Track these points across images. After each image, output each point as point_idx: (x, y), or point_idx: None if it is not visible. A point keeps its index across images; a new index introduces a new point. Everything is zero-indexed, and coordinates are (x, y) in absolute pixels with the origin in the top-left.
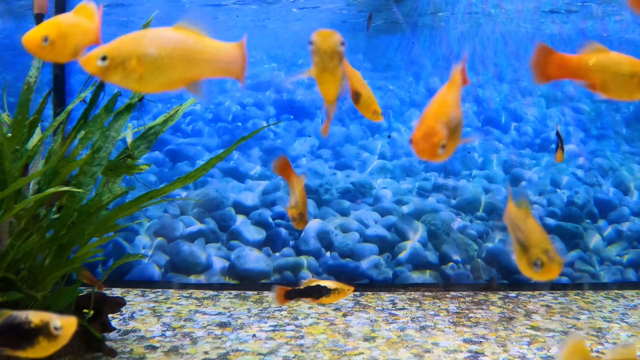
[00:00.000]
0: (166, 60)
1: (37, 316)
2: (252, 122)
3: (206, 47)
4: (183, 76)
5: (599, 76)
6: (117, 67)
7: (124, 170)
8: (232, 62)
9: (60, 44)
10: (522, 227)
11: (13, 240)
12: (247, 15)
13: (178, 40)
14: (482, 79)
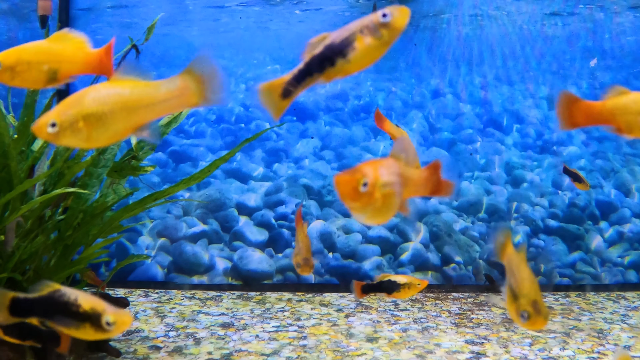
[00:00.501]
0: (110, 116)
1: (88, 302)
2: (255, 123)
3: (143, 93)
4: (128, 125)
5: (623, 119)
6: (66, 130)
7: (129, 172)
8: (178, 96)
9: (21, 70)
10: (516, 274)
11: (19, 241)
12: (250, 17)
13: (117, 93)
14: (485, 81)
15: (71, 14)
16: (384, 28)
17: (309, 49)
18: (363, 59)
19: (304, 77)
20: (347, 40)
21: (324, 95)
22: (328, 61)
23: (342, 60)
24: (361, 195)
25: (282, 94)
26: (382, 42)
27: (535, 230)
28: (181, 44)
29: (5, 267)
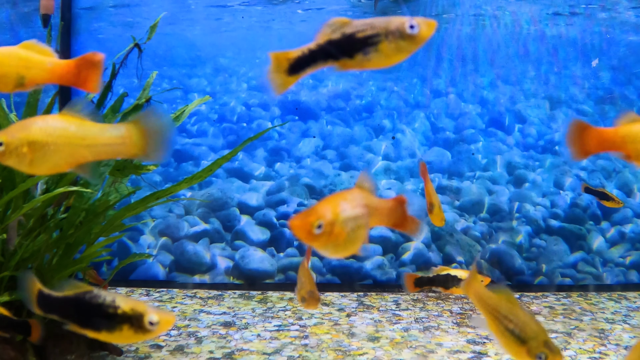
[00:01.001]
0: (53, 148)
1: (127, 303)
2: (257, 122)
3: (88, 133)
4: (69, 160)
5: (634, 147)
6: (11, 152)
7: (132, 171)
8: (120, 143)
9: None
10: (513, 318)
11: (21, 240)
12: (253, 17)
13: (63, 128)
14: (486, 80)
15: (73, 13)
16: (409, 38)
17: (326, 29)
18: (382, 61)
19: (316, 59)
20: (371, 40)
21: (325, 95)
22: (346, 52)
23: (362, 56)
24: (318, 236)
25: (288, 68)
26: (405, 50)
27: (537, 230)
28: (183, 43)
29: (8, 266)
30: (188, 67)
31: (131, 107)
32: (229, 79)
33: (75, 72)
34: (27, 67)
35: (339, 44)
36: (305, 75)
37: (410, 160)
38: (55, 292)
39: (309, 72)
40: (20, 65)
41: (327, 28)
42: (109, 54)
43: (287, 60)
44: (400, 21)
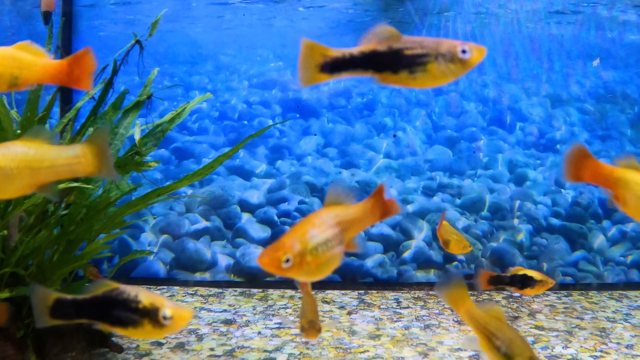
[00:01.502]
0: (15, 172)
1: (148, 298)
2: (258, 120)
3: (46, 155)
4: (31, 182)
5: (622, 193)
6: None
7: (133, 167)
8: (77, 163)
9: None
10: (501, 336)
11: (22, 236)
12: (254, 14)
13: (23, 152)
14: (488, 78)
15: (74, 11)
16: (459, 62)
17: (372, 38)
18: (427, 82)
19: (356, 65)
20: (420, 59)
21: (327, 93)
22: (391, 67)
23: (407, 74)
24: (289, 269)
25: (323, 65)
26: (452, 74)
27: (538, 228)
28: (184, 41)
29: (8, 262)
30: (189, 64)
31: (132, 104)
32: (230, 77)
33: (68, 71)
34: (20, 67)
35: (385, 57)
36: (338, 78)
37: (412, 158)
38: (78, 296)
39: (343, 76)
40: (13, 65)
41: (374, 37)
42: (110, 51)
43: (323, 56)
44: (452, 44)
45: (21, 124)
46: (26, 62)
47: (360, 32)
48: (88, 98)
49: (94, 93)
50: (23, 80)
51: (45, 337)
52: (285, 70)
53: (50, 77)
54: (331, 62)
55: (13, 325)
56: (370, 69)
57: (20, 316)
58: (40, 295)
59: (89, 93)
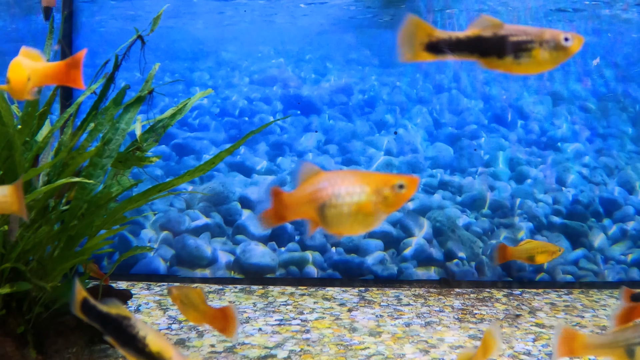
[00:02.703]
0: None
1: (156, 344)
2: (259, 116)
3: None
4: None
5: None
6: None
7: (134, 162)
8: (4, 201)
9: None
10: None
11: (23, 231)
12: (255, 10)
13: None
14: (489, 76)
15: (75, 6)
16: (561, 50)
17: (476, 25)
18: (532, 67)
19: (461, 49)
20: (525, 45)
21: (328, 89)
22: (496, 52)
23: (512, 59)
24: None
25: (428, 45)
26: (555, 60)
27: (539, 226)
28: (185, 37)
29: (9, 257)
30: (190, 60)
31: (133, 100)
32: (231, 73)
33: (66, 72)
34: (31, 73)
35: (491, 42)
36: (441, 59)
37: (412, 155)
38: (99, 305)
39: (447, 58)
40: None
41: (477, 25)
42: (111, 46)
43: (428, 35)
44: (555, 32)
45: (22, 119)
46: (32, 67)
47: (362, 29)
48: (89, 93)
49: (95, 88)
50: (32, 85)
51: (45, 333)
52: (286, 67)
53: (51, 79)
54: (437, 43)
55: (13, 320)
56: (475, 53)
57: (20, 312)
58: (77, 289)
59: (90, 88)
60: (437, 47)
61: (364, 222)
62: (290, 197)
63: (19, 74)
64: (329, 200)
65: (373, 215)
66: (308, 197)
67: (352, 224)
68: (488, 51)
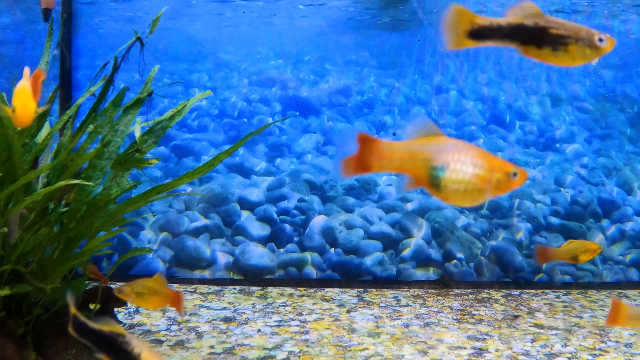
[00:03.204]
0: None
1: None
2: (258, 118)
3: None
4: None
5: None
6: None
7: (133, 164)
8: None
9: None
10: None
11: (22, 233)
12: (254, 12)
13: None
14: (487, 77)
15: (74, 8)
16: (594, 48)
17: (518, 11)
18: (566, 61)
19: (503, 35)
20: (563, 39)
21: (326, 91)
22: (535, 41)
23: (550, 51)
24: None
25: (470, 32)
26: (587, 58)
27: (537, 227)
28: (184, 38)
29: (9, 259)
30: (189, 62)
31: (133, 102)
32: (230, 74)
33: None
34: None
35: (531, 32)
36: (483, 45)
37: None
38: (90, 321)
39: (489, 44)
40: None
41: (519, 10)
42: (110, 48)
43: (471, 22)
44: (591, 31)
45: None
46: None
47: (360, 31)
48: (89, 95)
49: (94, 90)
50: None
51: (45, 334)
52: (285, 68)
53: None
54: (479, 30)
55: (13, 322)
56: (516, 40)
57: (20, 313)
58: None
59: (89, 90)
60: (479, 33)
61: (472, 196)
62: (391, 146)
63: (26, 103)
64: (451, 164)
65: (483, 192)
66: (423, 154)
67: (463, 194)
68: (528, 40)
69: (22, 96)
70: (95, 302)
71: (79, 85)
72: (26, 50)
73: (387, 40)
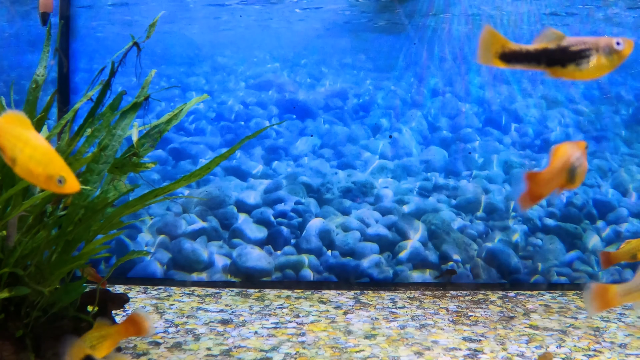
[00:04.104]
0: None
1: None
2: (255, 121)
3: None
4: None
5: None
6: None
7: (131, 168)
8: None
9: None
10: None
11: (21, 236)
12: (251, 15)
13: None
14: (483, 80)
15: (72, 12)
16: (615, 53)
17: (542, 38)
18: (591, 73)
19: (530, 60)
20: (584, 53)
21: (323, 94)
22: (560, 62)
23: (574, 67)
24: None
25: (501, 55)
26: (611, 64)
27: (533, 229)
28: (182, 42)
29: (7, 262)
30: (186, 65)
31: (130, 105)
32: (227, 78)
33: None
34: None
35: (555, 54)
36: (512, 67)
37: (407, 159)
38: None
39: (517, 67)
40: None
41: (543, 37)
42: (107, 52)
43: (502, 46)
44: (608, 40)
45: None
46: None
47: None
48: (86, 99)
49: (92, 94)
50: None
51: (43, 336)
52: (282, 72)
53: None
54: (509, 54)
55: (12, 324)
56: (542, 63)
57: (19, 316)
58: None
59: (87, 94)
60: (509, 57)
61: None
62: (544, 175)
63: (63, 170)
64: (578, 166)
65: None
66: (560, 169)
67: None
68: (553, 61)
69: (58, 163)
70: (93, 304)
71: (77, 88)
72: (21, 54)
73: (383, 44)
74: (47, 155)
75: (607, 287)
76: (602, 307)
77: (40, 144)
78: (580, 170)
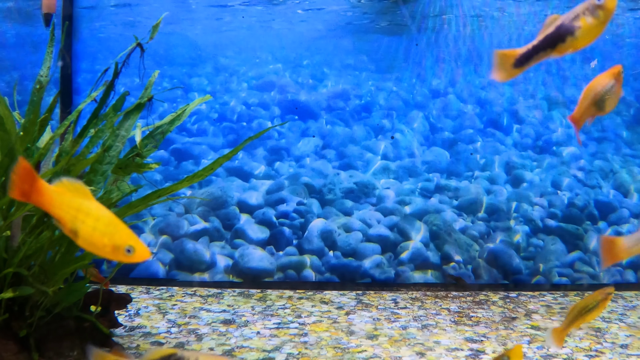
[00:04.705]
0: None
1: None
2: (257, 122)
3: None
4: None
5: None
6: None
7: (134, 169)
8: None
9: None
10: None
11: (25, 237)
12: (253, 16)
13: None
14: (485, 81)
15: (74, 12)
16: (599, 9)
17: (544, 28)
18: (587, 35)
19: (537, 52)
20: (573, 21)
21: (325, 95)
22: (559, 39)
23: (571, 37)
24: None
25: (514, 63)
26: (600, 21)
27: (535, 229)
28: (184, 43)
29: (11, 262)
30: (189, 66)
31: (133, 106)
32: (229, 79)
33: None
34: None
35: (554, 36)
36: (528, 67)
37: (409, 160)
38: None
39: (532, 64)
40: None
41: (544, 27)
42: (110, 52)
43: (513, 57)
44: (589, 1)
45: (24, 126)
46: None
47: (359, 35)
48: (90, 100)
49: (95, 95)
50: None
51: (47, 336)
52: (284, 73)
53: None
54: (520, 58)
55: (16, 324)
56: (548, 50)
57: (23, 315)
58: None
59: (90, 95)
60: (522, 60)
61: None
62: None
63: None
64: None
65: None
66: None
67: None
68: (555, 43)
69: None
70: (96, 304)
71: (80, 89)
72: (25, 55)
73: (385, 45)
74: (111, 225)
75: (614, 239)
76: (610, 260)
77: (103, 214)
78: (611, 100)
